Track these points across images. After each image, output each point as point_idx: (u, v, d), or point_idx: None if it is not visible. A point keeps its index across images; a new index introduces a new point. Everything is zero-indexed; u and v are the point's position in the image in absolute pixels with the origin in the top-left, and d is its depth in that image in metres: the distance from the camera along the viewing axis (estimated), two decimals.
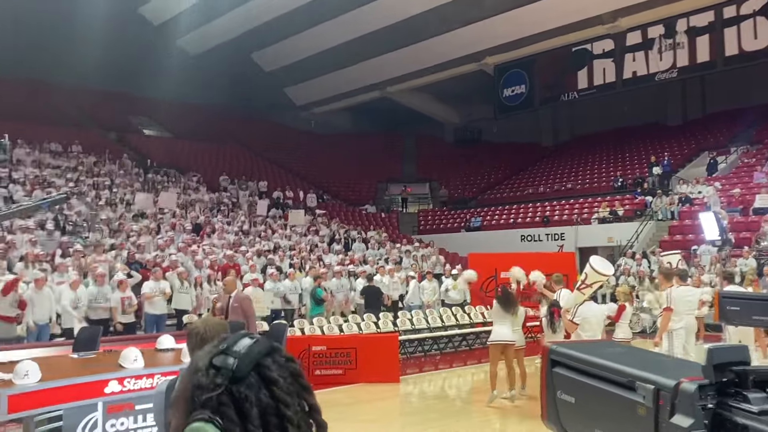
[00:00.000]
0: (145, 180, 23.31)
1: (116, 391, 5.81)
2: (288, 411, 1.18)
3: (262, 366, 1.20)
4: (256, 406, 1.17)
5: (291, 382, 1.22)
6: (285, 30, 29.94)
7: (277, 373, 1.21)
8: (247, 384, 1.18)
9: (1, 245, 12.47)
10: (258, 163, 30.92)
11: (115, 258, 13.75)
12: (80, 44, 26.57)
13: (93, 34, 26.60)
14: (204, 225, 19.14)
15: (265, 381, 1.18)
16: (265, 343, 1.25)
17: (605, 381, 2.34)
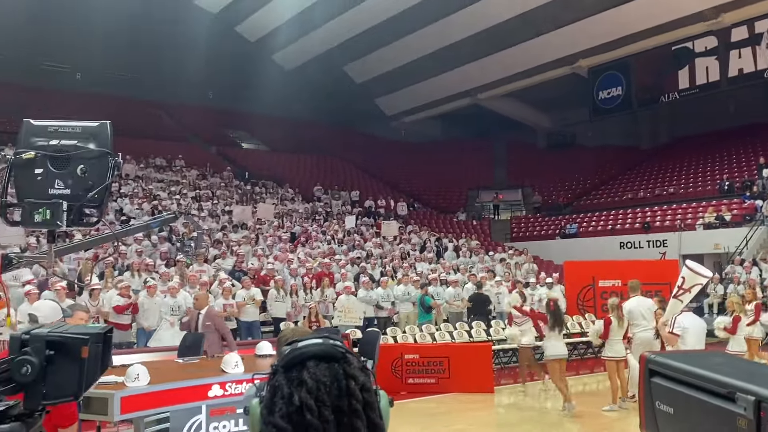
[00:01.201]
0: (243, 192, 24.21)
1: (218, 395, 6.07)
2: (309, 416, 1.17)
3: (304, 366, 1.22)
4: (284, 400, 1.19)
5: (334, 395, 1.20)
6: (376, 41, 30.40)
7: (316, 378, 1.21)
8: (288, 377, 1.21)
9: (114, 255, 13.29)
10: (350, 173, 31.46)
11: (217, 267, 14.36)
12: (183, 63, 28.11)
13: (194, 53, 28.09)
14: (299, 234, 19.67)
15: (299, 381, 1.20)
16: (326, 348, 1.25)
17: (704, 391, 2.25)
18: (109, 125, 2.51)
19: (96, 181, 2.41)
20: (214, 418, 5.99)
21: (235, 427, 6.08)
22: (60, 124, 2.47)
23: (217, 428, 6.01)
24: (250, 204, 22.28)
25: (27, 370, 1.51)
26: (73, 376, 1.58)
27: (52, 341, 1.56)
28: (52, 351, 1.55)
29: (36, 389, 1.53)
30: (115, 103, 27.96)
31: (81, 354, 1.58)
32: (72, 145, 2.41)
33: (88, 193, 2.39)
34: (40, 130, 2.45)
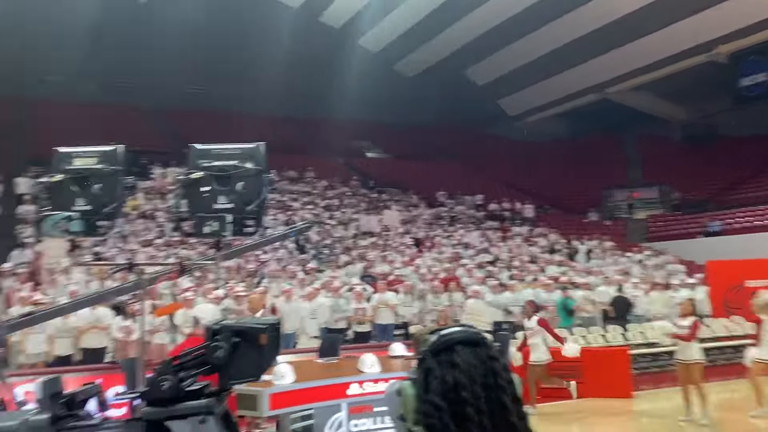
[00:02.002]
0: (370, 200, 24.83)
1: (357, 394, 6.33)
2: (464, 393, 1.32)
3: (453, 350, 1.38)
4: (438, 380, 1.35)
5: (481, 374, 1.35)
6: (497, 42, 30.15)
7: (465, 360, 1.36)
8: (438, 360, 1.37)
9: (255, 263, 14.16)
10: (474, 177, 31.33)
11: (349, 273, 14.89)
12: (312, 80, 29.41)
13: (321, 70, 29.31)
14: (424, 240, 19.90)
15: (450, 363, 1.36)
16: (470, 334, 1.43)
17: None
18: (263, 146, 2.83)
19: (254, 196, 2.73)
20: (354, 415, 6.26)
21: (373, 425, 6.31)
22: (222, 147, 2.82)
23: (357, 425, 6.27)
24: (375, 212, 22.86)
25: (220, 354, 1.78)
26: (254, 360, 1.84)
27: (238, 330, 1.84)
28: (238, 338, 1.81)
29: (226, 371, 1.81)
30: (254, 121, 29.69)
31: (260, 341, 1.84)
32: (232, 165, 2.75)
33: (246, 207, 2.72)
34: (205, 153, 2.82)
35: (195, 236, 2.69)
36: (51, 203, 2.81)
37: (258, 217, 2.62)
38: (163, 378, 1.79)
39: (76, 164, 2.80)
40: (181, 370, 1.83)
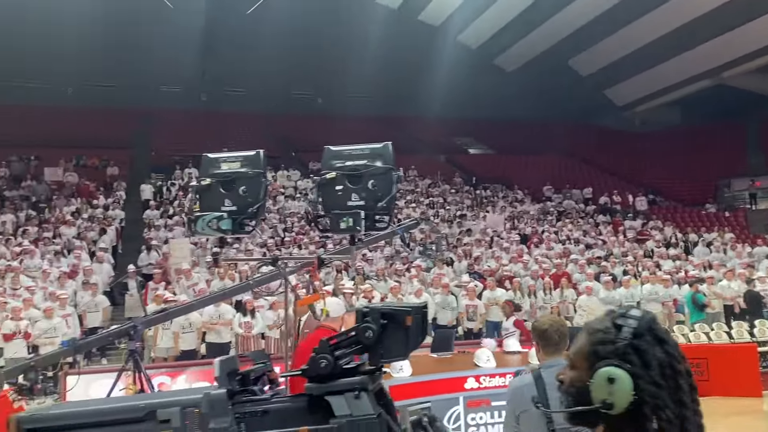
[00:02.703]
0: (474, 197, 24.73)
1: (474, 388, 6.41)
2: (680, 366, 1.43)
3: (653, 329, 1.48)
4: (655, 359, 1.44)
5: (675, 346, 1.48)
6: (602, 31, 29.20)
7: (665, 336, 1.48)
8: (646, 340, 1.46)
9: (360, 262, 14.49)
10: (581, 170, 30.49)
11: (456, 270, 14.94)
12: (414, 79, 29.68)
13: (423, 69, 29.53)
14: (531, 235, 19.59)
15: (658, 340, 1.46)
16: (651, 314, 1.54)
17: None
18: (390, 145, 3.02)
19: (384, 193, 2.92)
20: (471, 409, 6.33)
21: (490, 418, 6.37)
22: (353, 148, 3.04)
23: (474, 419, 6.34)
24: (480, 209, 22.78)
25: (369, 335, 1.94)
26: (401, 341, 1.98)
27: (385, 312, 1.99)
28: (385, 320, 1.97)
29: (376, 350, 1.97)
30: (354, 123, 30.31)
31: (406, 323, 1.98)
32: (363, 164, 2.95)
33: (378, 204, 2.90)
34: (337, 154, 3.05)
35: (332, 232, 2.93)
36: (201, 204, 3.10)
37: (389, 213, 2.82)
38: (322, 356, 1.96)
39: (223, 168, 3.09)
40: (337, 350, 2.01)
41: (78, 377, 7.82)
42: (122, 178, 23.28)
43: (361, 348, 2.00)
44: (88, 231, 17.53)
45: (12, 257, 14.87)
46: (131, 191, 22.17)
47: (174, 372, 9.78)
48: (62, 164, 23.29)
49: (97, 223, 18.38)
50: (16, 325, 11.16)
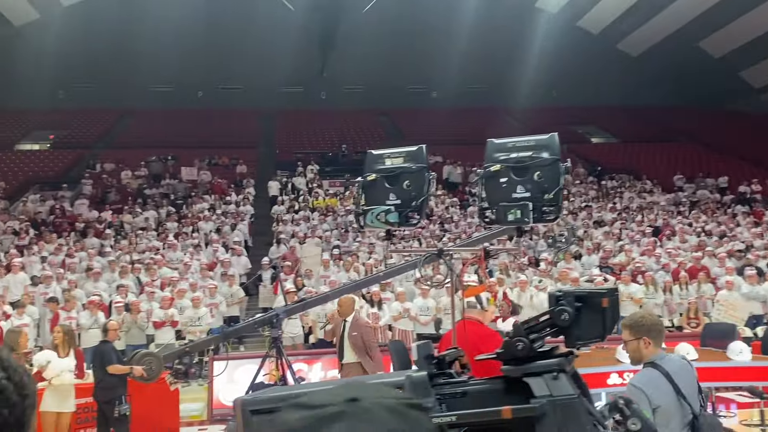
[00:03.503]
0: (599, 188, 23.91)
1: (617, 384, 6.23)
2: None
3: None
4: None
5: None
6: (735, 9, 27.25)
7: None
8: None
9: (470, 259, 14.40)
10: (714, 158, 28.63)
11: (585, 263, 14.53)
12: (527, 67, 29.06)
13: (537, 56, 28.85)
14: (663, 227, 18.67)
15: None
16: None
17: None
18: (556, 136, 3.03)
19: (551, 184, 2.93)
20: None
21: None
22: (517, 140, 3.06)
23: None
24: (606, 199, 22.01)
25: (565, 317, 1.98)
26: (598, 322, 2.02)
27: (580, 295, 2.03)
28: (580, 303, 2.00)
29: (571, 333, 2.01)
30: (470, 115, 30.16)
31: (602, 304, 2.01)
32: (528, 156, 2.98)
33: (545, 195, 2.92)
34: (501, 147, 3.08)
35: (498, 224, 3.01)
36: (367, 199, 3.25)
37: (557, 204, 2.85)
38: (518, 340, 2.02)
39: (386, 164, 3.22)
40: (531, 333, 2.05)
41: (227, 363, 8.33)
42: (251, 176, 24.46)
43: (556, 331, 2.05)
44: (223, 226, 18.57)
45: (155, 251, 16.05)
46: (259, 188, 23.24)
47: (310, 359, 10.20)
48: (196, 163, 24.82)
49: (230, 219, 19.45)
50: (165, 313, 12.05)
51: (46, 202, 20.87)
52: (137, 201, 20.84)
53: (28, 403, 1.04)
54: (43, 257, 15.19)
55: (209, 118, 29.35)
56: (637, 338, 3.46)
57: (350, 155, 27.08)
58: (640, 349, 3.48)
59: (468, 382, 2.01)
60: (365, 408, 0.82)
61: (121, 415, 7.30)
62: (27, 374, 1.06)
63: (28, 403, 1.04)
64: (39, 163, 26.20)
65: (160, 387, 8.24)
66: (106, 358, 7.44)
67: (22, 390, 1.03)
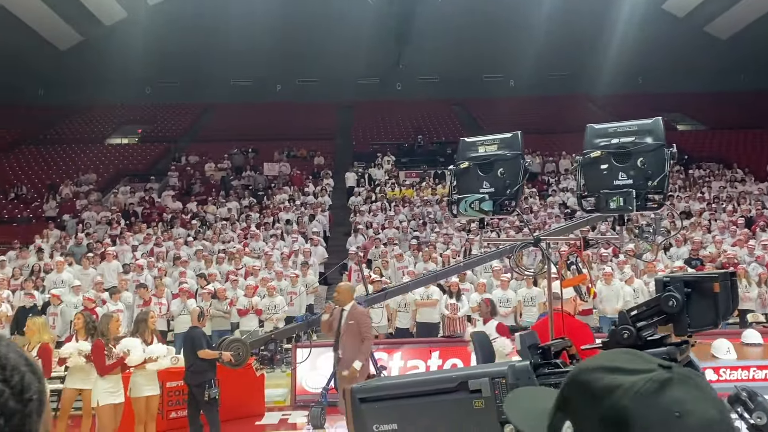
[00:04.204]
0: (686, 177, 22.94)
1: (712, 380, 5.97)
2: None
3: None
4: None
5: None
6: None
7: None
8: None
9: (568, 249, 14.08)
10: None
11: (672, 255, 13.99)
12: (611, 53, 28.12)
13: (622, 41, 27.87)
14: (756, 218, 17.73)
15: None
16: None
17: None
18: (660, 121, 2.91)
19: (655, 170, 2.82)
20: None
21: None
22: (618, 125, 2.97)
23: None
24: (694, 188, 21.08)
25: (673, 304, 1.90)
26: (710, 308, 1.92)
27: (688, 281, 1.94)
28: (689, 289, 1.92)
29: (681, 320, 1.93)
30: (549, 103, 29.52)
31: (713, 289, 1.91)
32: (630, 142, 2.88)
33: (649, 182, 2.82)
34: (601, 132, 3.00)
35: (599, 212, 2.91)
36: (459, 187, 3.22)
37: (662, 192, 2.72)
38: (624, 328, 1.95)
39: (479, 152, 3.17)
40: (638, 321, 1.98)
41: (310, 350, 8.49)
42: (328, 167, 24.79)
43: (665, 318, 1.96)
44: (302, 216, 18.92)
45: (238, 240, 16.52)
46: (337, 179, 23.53)
47: (390, 349, 10.27)
48: (276, 156, 25.37)
49: (309, 209, 19.79)
50: (249, 301, 12.40)
51: (135, 193, 21.84)
52: (220, 192, 21.50)
53: (30, 409, 0.89)
54: (134, 246, 15.91)
55: (288, 111, 29.92)
56: None
57: (426, 146, 27.03)
58: None
59: None
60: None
61: (211, 399, 7.55)
62: (33, 372, 0.91)
63: (30, 410, 0.89)
64: (128, 156, 27.44)
65: (247, 372, 8.50)
66: (196, 343, 7.71)
67: (23, 394, 0.88)
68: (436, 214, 19.34)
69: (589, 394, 0.86)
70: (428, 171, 23.91)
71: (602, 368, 0.88)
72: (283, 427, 8.88)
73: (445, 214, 19.10)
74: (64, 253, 15.40)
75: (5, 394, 0.86)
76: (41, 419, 0.91)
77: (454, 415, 1.96)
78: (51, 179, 23.68)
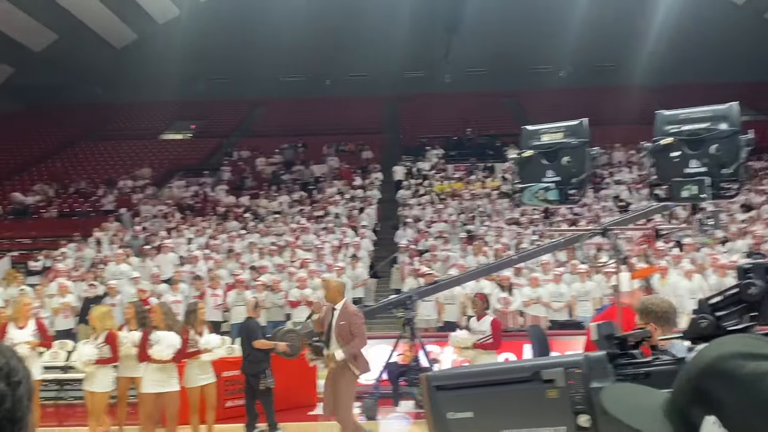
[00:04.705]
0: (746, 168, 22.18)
1: None
2: None
3: None
4: None
5: None
6: None
7: None
8: None
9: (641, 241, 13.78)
10: None
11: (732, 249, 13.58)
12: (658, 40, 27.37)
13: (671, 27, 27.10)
14: None
15: None
16: None
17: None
18: (736, 106, 2.82)
19: (729, 158, 2.75)
20: None
21: None
22: (690, 111, 2.90)
23: None
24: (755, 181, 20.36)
25: (753, 291, 1.85)
26: None
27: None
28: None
29: (763, 309, 1.87)
30: (601, 94, 28.88)
31: None
32: (704, 128, 2.80)
33: (722, 169, 2.74)
34: (671, 119, 2.94)
35: (672, 200, 2.83)
36: (522, 176, 3.18)
37: (738, 180, 2.64)
38: (702, 317, 1.91)
39: (543, 140, 3.13)
40: (717, 310, 1.93)
41: None
42: (376, 161, 24.85)
43: (746, 307, 1.91)
44: (352, 210, 19.04)
45: (290, 233, 16.74)
46: (385, 173, 23.56)
47: (442, 342, 10.25)
48: (324, 150, 25.57)
49: (358, 203, 19.90)
50: (300, 293, 12.56)
51: (189, 187, 22.34)
52: (271, 186, 21.80)
53: (21, 393, 0.89)
54: (189, 239, 16.28)
55: (336, 105, 30.09)
56: (646, 323, 3.34)
57: (475, 138, 26.81)
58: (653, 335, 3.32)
59: (652, 362, 1.93)
60: None
61: (267, 388, 7.69)
62: (16, 357, 0.91)
63: (20, 393, 0.89)
64: (182, 151, 28.05)
65: (300, 363, 8.61)
66: (252, 334, 7.86)
67: (10, 377, 0.88)
68: (486, 207, 19.19)
69: (734, 382, 0.83)
70: (477, 164, 23.72)
71: (739, 355, 0.84)
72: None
73: (496, 207, 18.92)
74: (122, 245, 15.88)
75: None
76: (31, 404, 0.91)
77: (528, 405, 1.96)
78: (108, 174, 24.41)
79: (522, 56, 31.38)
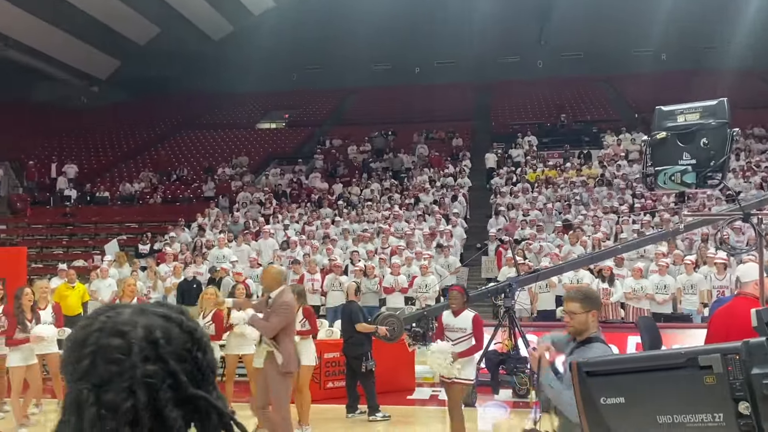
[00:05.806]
0: None
1: None
2: None
3: None
4: None
5: None
6: None
7: None
8: None
9: None
10: None
11: None
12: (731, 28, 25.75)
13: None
14: None
15: None
16: None
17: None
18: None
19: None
20: None
21: None
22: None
23: None
24: None
25: None
26: None
27: None
28: None
29: None
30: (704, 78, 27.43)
31: None
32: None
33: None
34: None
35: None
36: (654, 159, 3.11)
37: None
38: None
39: (679, 121, 3.05)
40: None
41: None
42: (466, 149, 24.64)
43: None
44: (443, 198, 18.98)
45: (383, 220, 16.88)
46: (475, 160, 23.33)
47: (539, 332, 10.08)
48: (414, 138, 25.59)
49: (449, 191, 19.81)
50: (395, 279, 12.66)
51: (284, 175, 22.94)
52: (363, 174, 22.05)
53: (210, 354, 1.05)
54: (285, 225, 16.74)
55: (426, 93, 30.03)
56: (587, 311, 3.30)
57: (570, 125, 26.11)
58: (588, 322, 3.33)
59: None
60: None
61: (368, 370, 7.82)
62: None
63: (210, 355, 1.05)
64: (277, 140, 28.82)
65: (400, 347, 8.70)
66: (354, 317, 8.00)
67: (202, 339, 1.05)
68: (582, 195, 18.66)
69: None
70: (571, 151, 23.09)
71: None
72: (433, 403, 9.01)
73: (594, 196, 18.37)
74: (223, 230, 16.51)
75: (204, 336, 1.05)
76: None
77: (683, 391, 1.91)
78: (208, 162, 25.41)
79: (620, 39, 30.26)
